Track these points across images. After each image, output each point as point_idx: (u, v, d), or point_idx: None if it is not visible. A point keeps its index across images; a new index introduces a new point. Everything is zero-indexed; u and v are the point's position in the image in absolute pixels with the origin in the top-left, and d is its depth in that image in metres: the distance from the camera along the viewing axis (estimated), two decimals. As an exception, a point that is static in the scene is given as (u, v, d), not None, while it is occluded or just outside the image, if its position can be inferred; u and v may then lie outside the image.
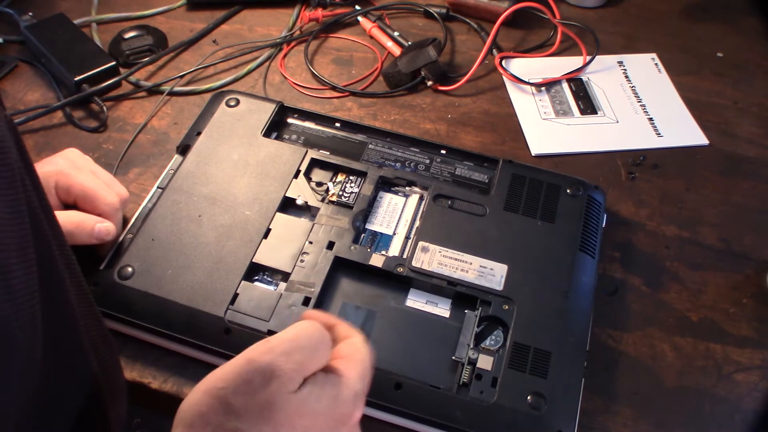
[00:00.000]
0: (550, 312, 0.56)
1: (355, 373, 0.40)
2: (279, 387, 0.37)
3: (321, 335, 0.39)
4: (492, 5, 0.87)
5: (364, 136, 0.70)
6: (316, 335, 0.39)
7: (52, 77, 0.78)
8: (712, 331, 0.61)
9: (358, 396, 0.39)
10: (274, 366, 0.37)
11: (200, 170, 0.64)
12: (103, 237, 0.58)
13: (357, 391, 0.39)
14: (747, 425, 0.55)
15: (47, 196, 0.55)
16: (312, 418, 0.37)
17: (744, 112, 0.80)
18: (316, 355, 0.39)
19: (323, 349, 0.39)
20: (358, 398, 0.39)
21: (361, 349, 0.42)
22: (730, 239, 0.67)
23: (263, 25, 0.87)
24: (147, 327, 0.55)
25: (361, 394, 0.40)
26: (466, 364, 0.53)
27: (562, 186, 0.64)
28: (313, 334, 0.39)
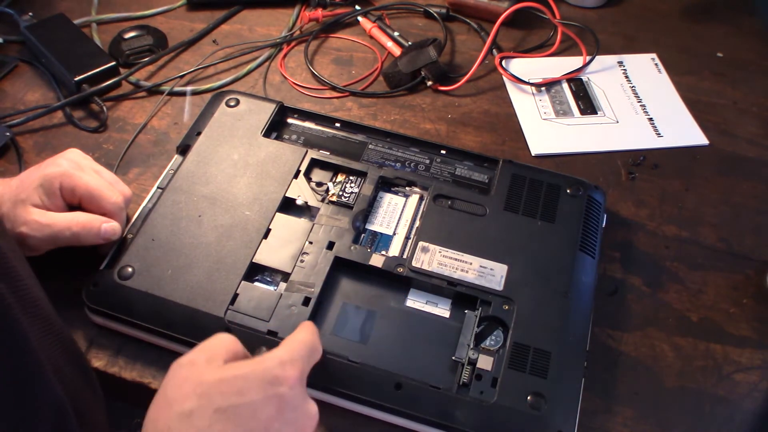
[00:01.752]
0: (550, 312, 0.56)
1: (281, 349, 0.45)
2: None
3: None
4: (492, 5, 0.87)
5: (364, 136, 0.70)
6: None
7: (52, 77, 0.78)
8: (712, 331, 0.61)
9: (285, 361, 0.43)
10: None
11: (200, 170, 0.64)
12: (110, 237, 0.58)
13: (281, 357, 0.44)
14: (747, 425, 0.55)
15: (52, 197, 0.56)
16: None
17: (744, 112, 0.80)
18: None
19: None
20: (287, 363, 0.43)
21: (296, 334, 0.47)
22: (730, 239, 0.67)
23: (263, 25, 0.87)
24: (147, 327, 0.55)
25: (288, 360, 0.44)
26: (466, 364, 0.53)
27: (562, 186, 0.64)
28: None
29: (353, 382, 0.52)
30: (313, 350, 0.47)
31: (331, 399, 0.53)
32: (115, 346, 0.57)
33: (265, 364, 0.43)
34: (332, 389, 0.52)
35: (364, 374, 0.52)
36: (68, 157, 0.60)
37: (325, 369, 0.52)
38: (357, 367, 0.53)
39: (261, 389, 0.42)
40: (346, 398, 0.53)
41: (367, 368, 0.53)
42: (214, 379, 0.42)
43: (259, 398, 0.41)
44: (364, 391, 0.52)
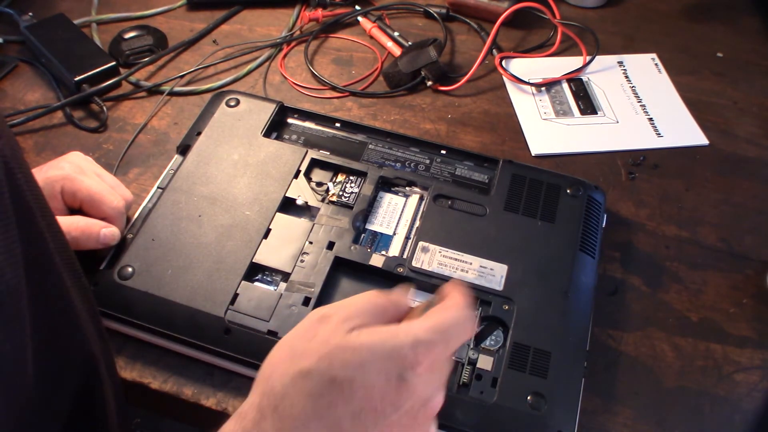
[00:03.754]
0: (550, 312, 0.56)
1: (422, 323, 0.39)
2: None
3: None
4: (492, 5, 0.87)
5: (364, 136, 0.70)
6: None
7: (52, 77, 0.78)
8: (712, 331, 0.61)
9: (420, 343, 0.37)
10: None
11: (200, 170, 0.64)
12: (109, 242, 0.58)
13: (418, 337, 0.38)
14: (747, 425, 0.55)
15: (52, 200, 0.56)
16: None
17: (744, 112, 0.80)
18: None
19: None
20: (421, 345, 0.37)
21: (443, 306, 0.41)
22: (730, 239, 0.67)
23: (263, 25, 0.87)
24: (147, 327, 0.55)
25: (424, 341, 0.38)
26: (466, 364, 0.53)
27: (562, 186, 0.64)
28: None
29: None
30: (459, 332, 0.40)
31: (331, 399, 0.53)
32: (115, 346, 0.57)
33: (397, 340, 0.37)
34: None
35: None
36: (70, 160, 0.61)
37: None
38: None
39: (383, 368, 0.36)
40: (346, 398, 0.53)
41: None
42: (341, 343, 0.37)
43: (379, 379, 0.36)
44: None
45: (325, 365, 0.36)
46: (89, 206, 0.58)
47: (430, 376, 0.38)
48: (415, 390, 0.37)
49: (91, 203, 0.58)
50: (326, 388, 0.36)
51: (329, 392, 0.36)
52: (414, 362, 0.37)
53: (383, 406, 0.36)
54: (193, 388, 0.55)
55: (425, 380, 0.38)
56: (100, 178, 0.61)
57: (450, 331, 0.39)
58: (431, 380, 0.38)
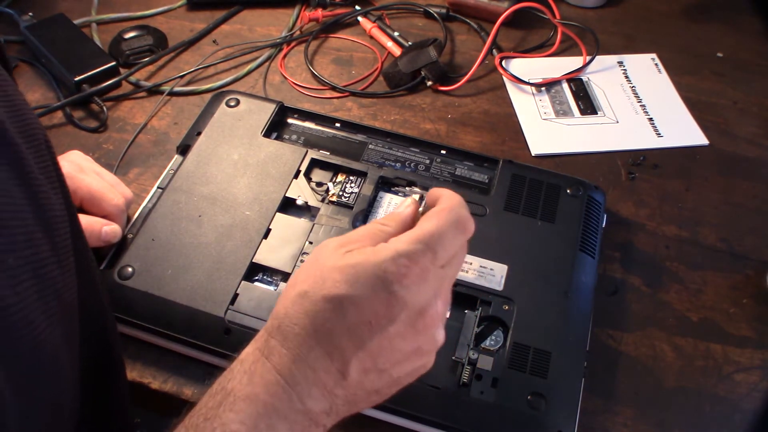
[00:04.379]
0: (550, 312, 0.56)
1: (405, 237, 0.40)
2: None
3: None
4: (492, 5, 0.87)
5: (364, 136, 0.70)
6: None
7: (52, 77, 0.78)
8: (712, 331, 0.61)
9: (403, 255, 0.39)
10: None
11: (200, 170, 0.64)
12: (110, 240, 0.58)
13: (399, 250, 0.39)
14: (747, 425, 0.55)
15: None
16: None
17: (744, 112, 0.80)
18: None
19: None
20: (404, 257, 0.39)
21: (429, 214, 0.42)
22: (730, 239, 0.67)
23: (263, 25, 0.87)
24: (147, 327, 0.55)
25: (406, 252, 0.39)
26: (466, 364, 0.53)
27: (562, 186, 0.64)
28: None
29: (353, 382, 0.52)
30: (448, 237, 0.40)
31: (331, 399, 0.53)
32: (115, 346, 0.57)
33: (379, 255, 0.39)
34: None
35: (364, 374, 0.52)
36: (70, 158, 0.61)
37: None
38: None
39: (370, 284, 0.38)
40: (346, 398, 0.53)
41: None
42: (332, 264, 0.39)
43: (366, 293, 0.38)
44: (364, 391, 0.52)
45: (319, 286, 0.38)
46: (90, 204, 0.58)
47: (421, 286, 0.39)
48: (406, 301, 0.38)
49: (91, 201, 0.58)
50: (320, 307, 0.38)
51: (324, 310, 0.38)
52: (399, 275, 0.38)
53: (376, 319, 0.38)
54: (193, 388, 0.55)
55: (415, 291, 0.39)
56: (100, 176, 0.61)
57: (435, 238, 0.39)
58: (422, 290, 0.39)
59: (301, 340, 0.38)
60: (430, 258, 0.39)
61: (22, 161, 0.33)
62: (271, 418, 0.37)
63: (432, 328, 0.41)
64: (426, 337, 0.40)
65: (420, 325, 0.40)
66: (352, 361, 0.38)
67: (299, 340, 0.38)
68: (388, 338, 0.39)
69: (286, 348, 0.38)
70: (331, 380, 0.38)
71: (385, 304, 0.38)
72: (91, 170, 0.60)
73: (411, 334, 0.39)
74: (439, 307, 0.41)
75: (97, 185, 0.58)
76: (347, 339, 0.38)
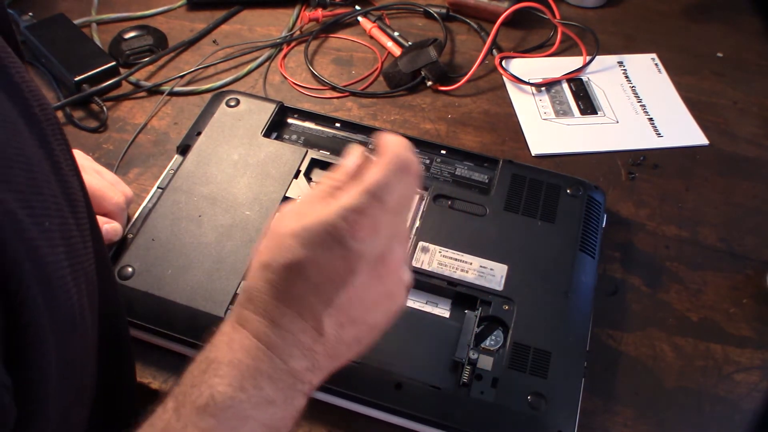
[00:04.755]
0: (550, 312, 0.56)
1: (348, 194, 0.39)
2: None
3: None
4: (492, 5, 0.87)
5: (364, 136, 0.70)
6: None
7: (52, 77, 0.78)
8: (712, 331, 0.61)
9: (348, 209, 0.39)
10: None
11: (200, 170, 0.64)
12: (111, 238, 0.58)
13: (344, 205, 0.39)
14: (747, 425, 0.55)
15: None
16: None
17: (744, 112, 0.80)
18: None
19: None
20: (350, 211, 0.39)
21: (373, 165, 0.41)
22: (730, 239, 0.67)
23: (263, 25, 0.87)
24: (147, 327, 0.55)
25: (351, 207, 0.39)
26: (466, 364, 0.53)
27: (562, 186, 0.64)
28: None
29: (353, 382, 0.52)
30: (394, 185, 0.40)
31: (331, 399, 0.53)
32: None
33: (328, 214, 0.38)
34: (332, 389, 0.52)
35: (364, 374, 0.52)
36: None
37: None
38: (357, 367, 0.53)
39: (323, 243, 0.38)
40: (346, 398, 0.53)
41: (367, 368, 0.53)
42: (287, 231, 0.39)
43: (322, 253, 0.38)
44: (364, 391, 0.52)
45: (277, 254, 0.39)
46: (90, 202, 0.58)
47: (375, 236, 0.39)
48: (363, 253, 0.39)
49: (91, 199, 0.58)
50: (282, 274, 0.39)
51: (285, 276, 0.39)
52: (349, 229, 0.38)
53: (338, 275, 0.39)
54: None
55: (370, 241, 0.39)
56: (100, 174, 0.61)
57: (381, 187, 0.39)
58: (377, 239, 0.39)
59: (272, 307, 0.39)
60: (379, 207, 0.39)
61: (47, 140, 0.34)
62: (256, 379, 0.38)
63: (395, 271, 0.42)
64: (391, 280, 0.41)
65: (382, 271, 0.40)
66: (325, 318, 0.39)
67: (270, 307, 0.39)
68: (354, 290, 0.39)
69: (260, 315, 0.39)
70: (308, 339, 0.39)
71: (342, 259, 0.39)
72: (91, 169, 0.60)
73: (375, 281, 0.40)
74: (397, 250, 0.41)
75: (98, 184, 0.58)
76: (315, 298, 0.39)
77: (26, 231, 0.30)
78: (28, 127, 0.33)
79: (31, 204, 0.31)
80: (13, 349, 0.30)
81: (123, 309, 0.49)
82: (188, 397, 0.37)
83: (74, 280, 0.34)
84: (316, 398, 0.53)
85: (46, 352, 0.31)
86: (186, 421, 0.36)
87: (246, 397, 0.37)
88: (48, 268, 0.31)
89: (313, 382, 0.40)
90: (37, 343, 0.31)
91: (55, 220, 0.33)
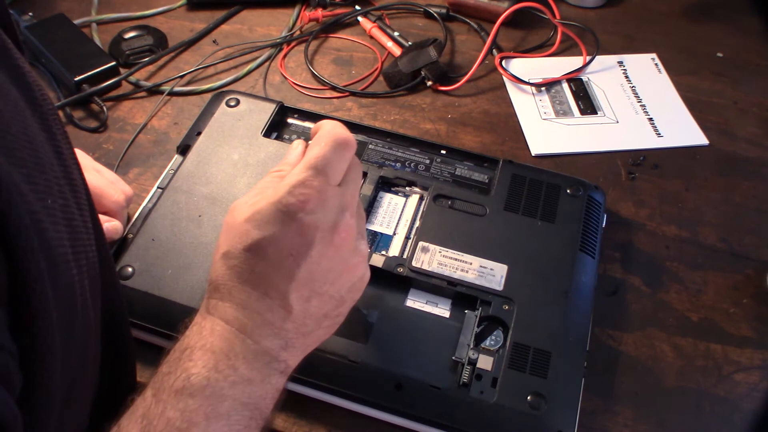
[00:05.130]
0: (550, 312, 0.56)
1: (295, 170, 0.42)
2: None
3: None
4: (492, 5, 0.87)
5: (364, 136, 0.70)
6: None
7: (52, 77, 0.78)
8: (712, 331, 0.61)
9: (296, 185, 0.41)
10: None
11: (200, 170, 0.64)
12: (112, 236, 0.58)
13: (291, 182, 0.42)
14: (747, 425, 0.55)
15: None
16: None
17: (744, 112, 0.80)
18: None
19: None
20: (297, 186, 0.41)
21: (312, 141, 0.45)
22: (730, 239, 0.67)
23: (263, 25, 0.87)
24: (147, 327, 0.55)
25: (298, 183, 0.41)
26: (466, 364, 0.53)
27: (562, 186, 0.64)
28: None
29: (353, 382, 0.52)
30: (334, 158, 0.43)
31: (331, 399, 0.53)
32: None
33: (277, 194, 0.41)
34: (332, 389, 0.52)
35: (364, 374, 0.52)
36: None
37: (325, 369, 0.52)
38: (357, 367, 0.53)
39: (277, 221, 0.41)
40: (346, 398, 0.53)
41: (367, 368, 0.53)
42: (242, 218, 0.42)
43: (277, 230, 0.41)
44: (364, 391, 0.52)
45: (235, 241, 0.41)
46: None
47: (324, 207, 0.42)
48: (316, 224, 0.41)
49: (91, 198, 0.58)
50: (242, 258, 0.41)
51: (246, 259, 0.41)
52: (299, 203, 0.41)
53: (296, 249, 0.41)
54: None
55: (321, 212, 0.41)
56: (100, 173, 0.61)
57: (322, 161, 0.42)
58: (327, 209, 0.42)
59: (238, 291, 0.41)
60: (323, 180, 0.42)
61: (49, 124, 0.35)
62: (230, 359, 0.39)
63: (350, 240, 0.43)
64: (348, 249, 0.43)
65: (337, 240, 0.42)
66: (290, 294, 0.41)
67: (235, 291, 0.41)
68: (314, 262, 0.41)
69: (227, 301, 0.41)
70: (277, 317, 0.41)
71: (297, 233, 0.41)
72: (91, 167, 0.60)
73: (333, 251, 0.42)
74: (349, 219, 0.43)
75: (98, 182, 0.58)
76: (277, 276, 0.41)
77: (30, 204, 0.30)
78: (30, 109, 0.34)
79: (34, 180, 0.31)
80: (20, 319, 0.30)
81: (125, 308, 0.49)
82: (165, 384, 0.38)
83: (75, 261, 0.34)
84: (317, 398, 0.53)
85: (50, 324, 0.31)
86: (165, 405, 0.37)
87: (221, 377, 0.38)
88: (50, 243, 0.31)
89: (289, 361, 0.42)
90: (42, 314, 0.31)
91: (58, 200, 0.33)
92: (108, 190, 0.59)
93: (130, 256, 0.58)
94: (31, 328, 0.30)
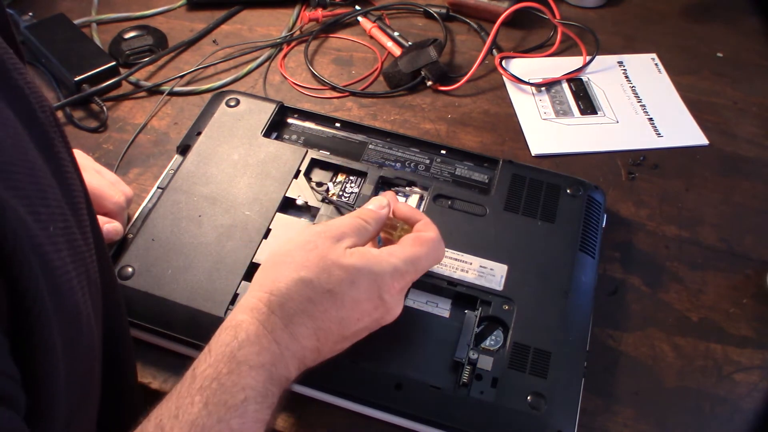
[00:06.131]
0: (550, 312, 0.56)
1: (401, 255, 0.49)
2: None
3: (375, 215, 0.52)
4: (492, 5, 0.87)
5: (364, 136, 0.70)
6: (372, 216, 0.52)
7: (52, 77, 0.78)
8: (712, 331, 0.61)
9: (398, 271, 0.48)
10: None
11: (200, 170, 0.64)
12: (112, 237, 0.58)
13: (396, 266, 0.48)
14: (747, 425, 0.55)
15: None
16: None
17: (744, 112, 0.80)
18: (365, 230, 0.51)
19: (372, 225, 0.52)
20: (398, 273, 0.48)
21: (419, 240, 0.51)
22: (730, 239, 0.67)
23: (263, 25, 0.87)
24: (147, 327, 0.55)
25: (402, 271, 0.48)
26: (466, 365, 0.53)
27: (562, 186, 0.64)
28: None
29: (353, 382, 0.52)
30: (428, 262, 0.51)
31: (331, 399, 0.53)
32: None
33: (381, 267, 0.47)
34: (332, 389, 0.52)
35: (364, 374, 0.52)
36: None
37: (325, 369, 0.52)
38: (357, 367, 0.53)
39: (369, 288, 0.47)
40: (346, 398, 0.53)
41: (367, 368, 0.53)
42: (337, 261, 0.46)
43: (364, 295, 0.46)
44: (364, 391, 0.52)
45: (324, 278, 0.46)
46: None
47: (399, 296, 0.49)
48: (387, 306, 0.48)
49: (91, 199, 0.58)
50: (323, 297, 0.46)
51: (325, 300, 0.46)
52: (390, 286, 0.48)
53: (362, 315, 0.47)
54: None
55: (395, 299, 0.49)
56: (100, 174, 0.61)
57: (421, 262, 0.50)
58: (400, 298, 0.50)
59: (300, 321, 0.45)
60: (413, 275, 0.50)
61: (50, 143, 0.36)
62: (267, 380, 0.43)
63: (387, 321, 0.50)
64: (378, 326, 0.50)
65: (383, 321, 0.50)
66: (335, 345, 0.47)
67: (298, 319, 0.45)
68: (361, 330, 0.48)
69: (285, 324, 0.44)
70: (309, 355, 0.46)
71: (374, 306, 0.47)
72: (91, 168, 0.60)
73: (374, 326, 0.50)
74: (401, 307, 0.51)
75: (98, 183, 0.58)
76: (337, 326, 0.46)
77: (35, 237, 0.31)
78: (28, 131, 0.34)
79: (37, 210, 0.32)
80: (22, 345, 0.30)
81: (124, 309, 0.49)
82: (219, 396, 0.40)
83: (79, 284, 0.35)
84: (317, 398, 0.53)
85: (53, 348, 0.32)
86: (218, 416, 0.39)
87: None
88: (55, 273, 0.32)
89: (291, 377, 0.46)
90: (44, 339, 0.31)
91: (60, 224, 0.34)
92: (108, 192, 0.59)
93: (130, 256, 0.58)
94: (34, 354, 0.31)
